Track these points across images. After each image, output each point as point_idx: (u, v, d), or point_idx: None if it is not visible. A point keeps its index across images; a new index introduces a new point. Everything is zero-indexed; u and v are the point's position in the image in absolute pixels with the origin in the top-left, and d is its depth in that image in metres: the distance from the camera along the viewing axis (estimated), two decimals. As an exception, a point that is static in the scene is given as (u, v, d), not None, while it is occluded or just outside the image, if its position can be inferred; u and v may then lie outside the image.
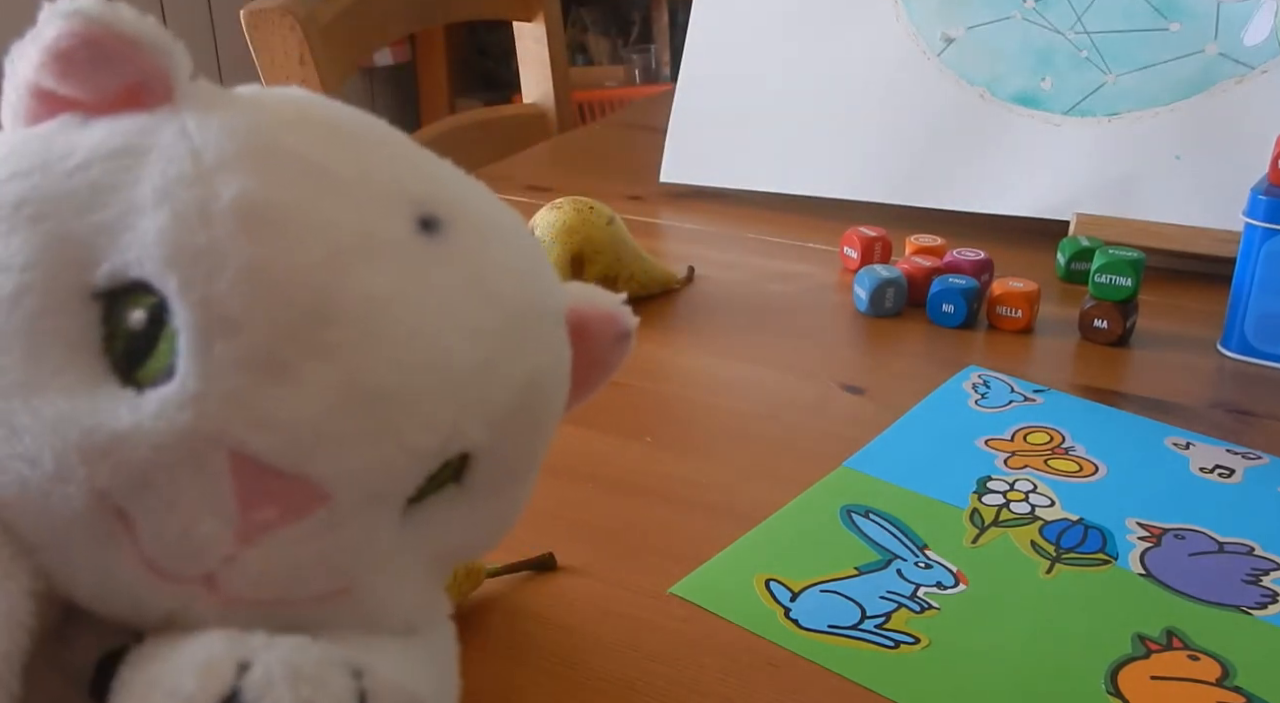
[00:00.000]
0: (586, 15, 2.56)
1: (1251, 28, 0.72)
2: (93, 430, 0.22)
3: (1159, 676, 0.37)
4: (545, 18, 1.14)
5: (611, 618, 0.39)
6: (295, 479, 0.23)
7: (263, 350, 0.23)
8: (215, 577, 0.24)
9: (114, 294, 0.23)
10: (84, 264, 0.23)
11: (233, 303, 0.23)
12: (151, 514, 0.23)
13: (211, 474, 0.23)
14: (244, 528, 0.23)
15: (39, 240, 0.23)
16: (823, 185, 0.81)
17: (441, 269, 0.25)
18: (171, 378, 0.23)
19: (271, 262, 0.23)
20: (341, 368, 0.23)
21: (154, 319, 0.23)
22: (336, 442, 0.23)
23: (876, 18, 0.82)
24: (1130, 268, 0.61)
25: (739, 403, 0.55)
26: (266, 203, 0.23)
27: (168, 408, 0.23)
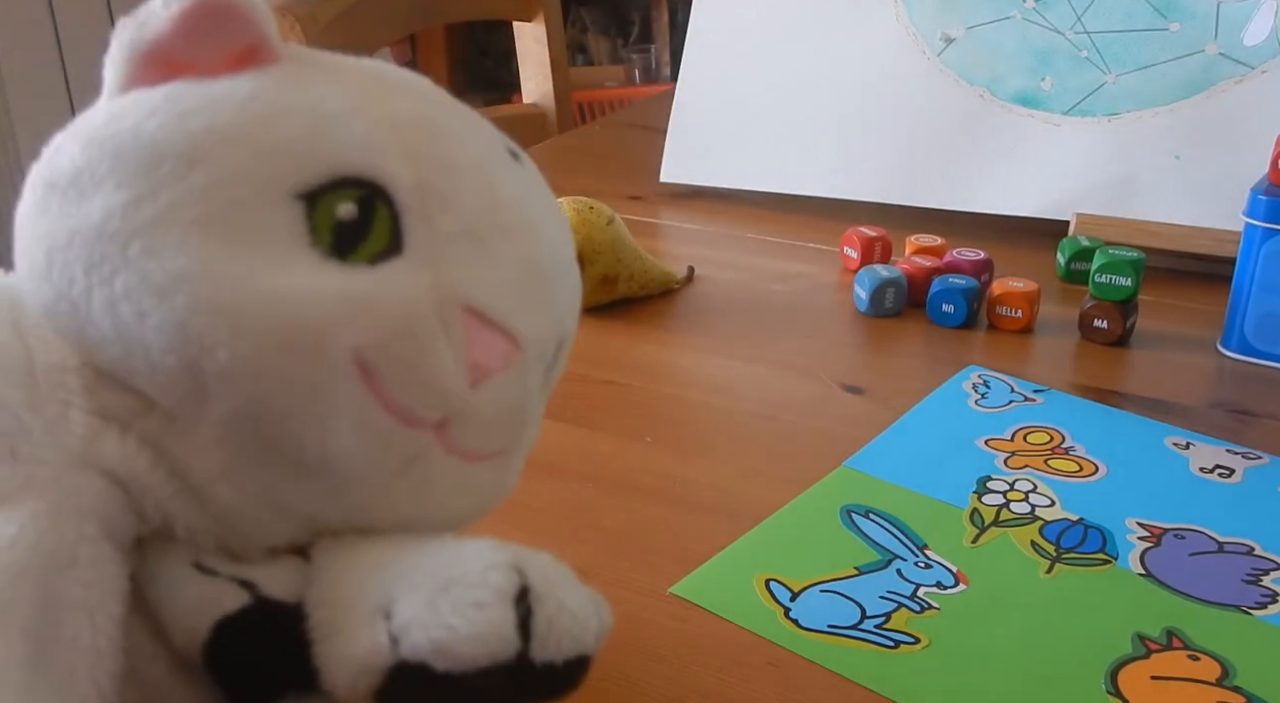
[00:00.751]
0: (586, 15, 2.56)
1: (1251, 28, 0.72)
2: (348, 294, 0.25)
3: (1159, 676, 0.37)
4: (545, 18, 1.14)
5: (611, 618, 0.39)
6: (505, 332, 0.28)
7: (469, 223, 0.28)
8: (447, 424, 0.27)
9: (312, 195, 0.26)
10: (282, 171, 0.26)
11: (442, 184, 0.27)
12: (401, 364, 0.26)
13: (451, 325, 0.27)
14: (474, 373, 0.27)
15: (237, 158, 0.26)
16: (823, 185, 0.81)
17: (535, 185, 0.31)
18: (400, 252, 0.26)
19: (454, 156, 0.28)
20: (517, 245, 0.29)
21: (363, 209, 0.26)
22: (525, 304, 0.28)
23: (876, 18, 0.82)
24: (1130, 268, 0.61)
25: (739, 403, 0.55)
26: (434, 119, 0.29)
27: (410, 273, 0.26)
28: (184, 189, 0.26)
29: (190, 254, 0.25)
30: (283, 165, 0.26)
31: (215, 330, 0.25)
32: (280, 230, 0.26)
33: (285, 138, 0.26)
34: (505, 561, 0.26)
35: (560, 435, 0.52)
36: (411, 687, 0.25)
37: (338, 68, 0.29)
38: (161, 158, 0.26)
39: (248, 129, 0.26)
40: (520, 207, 0.29)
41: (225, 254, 0.25)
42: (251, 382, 0.25)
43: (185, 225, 0.25)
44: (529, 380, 0.29)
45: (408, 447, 0.27)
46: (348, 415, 0.26)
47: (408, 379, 0.26)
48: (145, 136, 0.26)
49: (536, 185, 0.31)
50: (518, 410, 0.29)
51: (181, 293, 0.25)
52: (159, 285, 0.25)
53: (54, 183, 0.27)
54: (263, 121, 0.27)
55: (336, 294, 0.25)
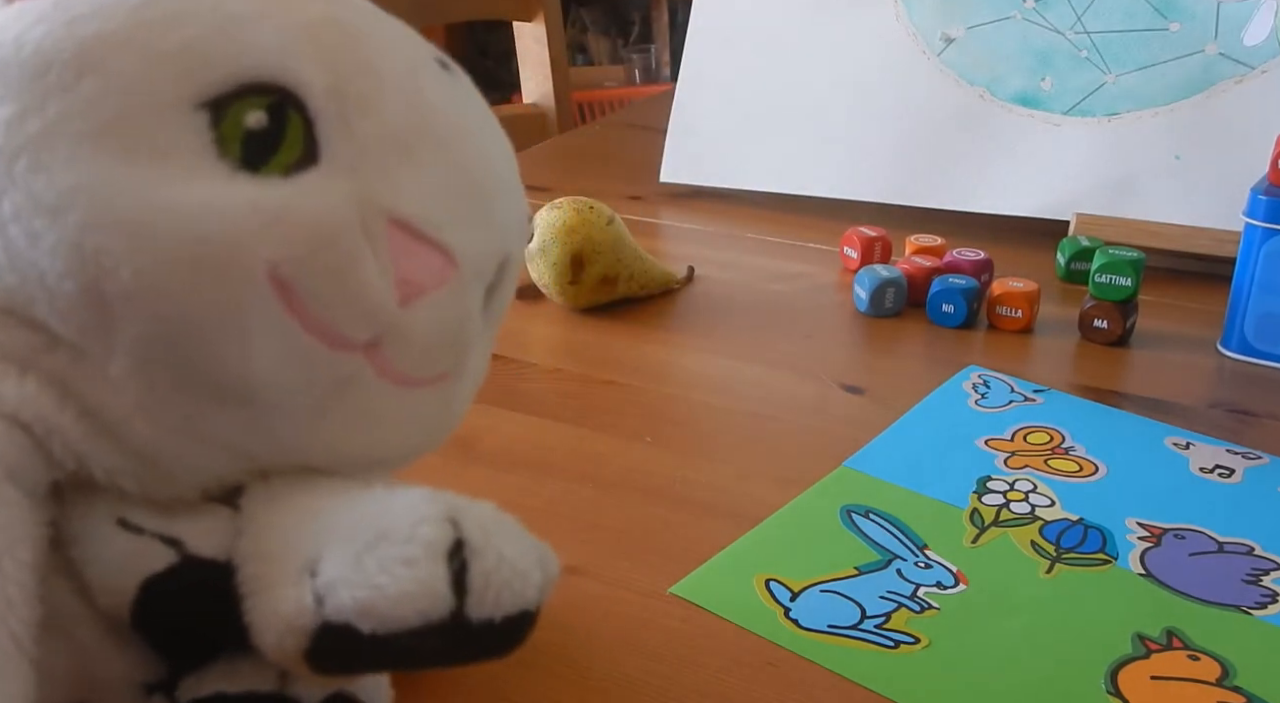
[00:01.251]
0: (586, 15, 2.56)
1: (1251, 28, 0.72)
2: (259, 205, 0.24)
3: (1159, 676, 0.37)
4: (545, 18, 1.14)
5: (611, 618, 0.39)
6: (437, 246, 0.26)
7: (392, 129, 0.26)
8: (379, 345, 0.26)
9: (217, 103, 0.24)
10: (180, 77, 0.24)
11: (362, 88, 0.26)
12: (323, 279, 0.24)
13: (376, 238, 0.25)
14: (403, 289, 0.25)
15: (131, 65, 0.24)
16: (823, 185, 0.81)
17: (467, 95, 0.29)
18: (315, 161, 0.25)
19: (374, 60, 0.26)
20: (448, 155, 0.27)
21: (274, 117, 0.25)
22: (459, 217, 0.27)
23: (876, 18, 0.82)
24: (1130, 268, 0.61)
25: (739, 403, 0.55)
26: (352, 22, 0.27)
27: (329, 182, 0.25)
28: (73, 100, 0.24)
29: (82, 168, 0.23)
30: (182, 71, 0.24)
31: (114, 248, 0.23)
32: (183, 142, 0.24)
33: (184, 42, 0.25)
34: (437, 512, 0.24)
35: (560, 435, 0.52)
36: (340, 648, 0.24)
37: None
38: (47, 67, 0.24)
39: (142, 33, 0.24)
40: (452, 116, 0.28)
41: (121, 168, 0.24)
42: (159, 302, 0.24)
43: (76, 138, 0.24)
44: (467, 299, 0.27)
45: (336, 369, 0.25)
46: (266, 336, 0.24)
47: (330, 295, 0.25)
48: (30, 46, 0.24)
49: (470, 97, 0.30)
50: (456, 330, 0.27)
51: (75, 210, 0.23)
52: (49, 204, 0.23)
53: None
54: (159, 25, 0.25)
55: (247, 205, 0.24)
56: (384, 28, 0.28)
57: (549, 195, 0.66)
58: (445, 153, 0.27)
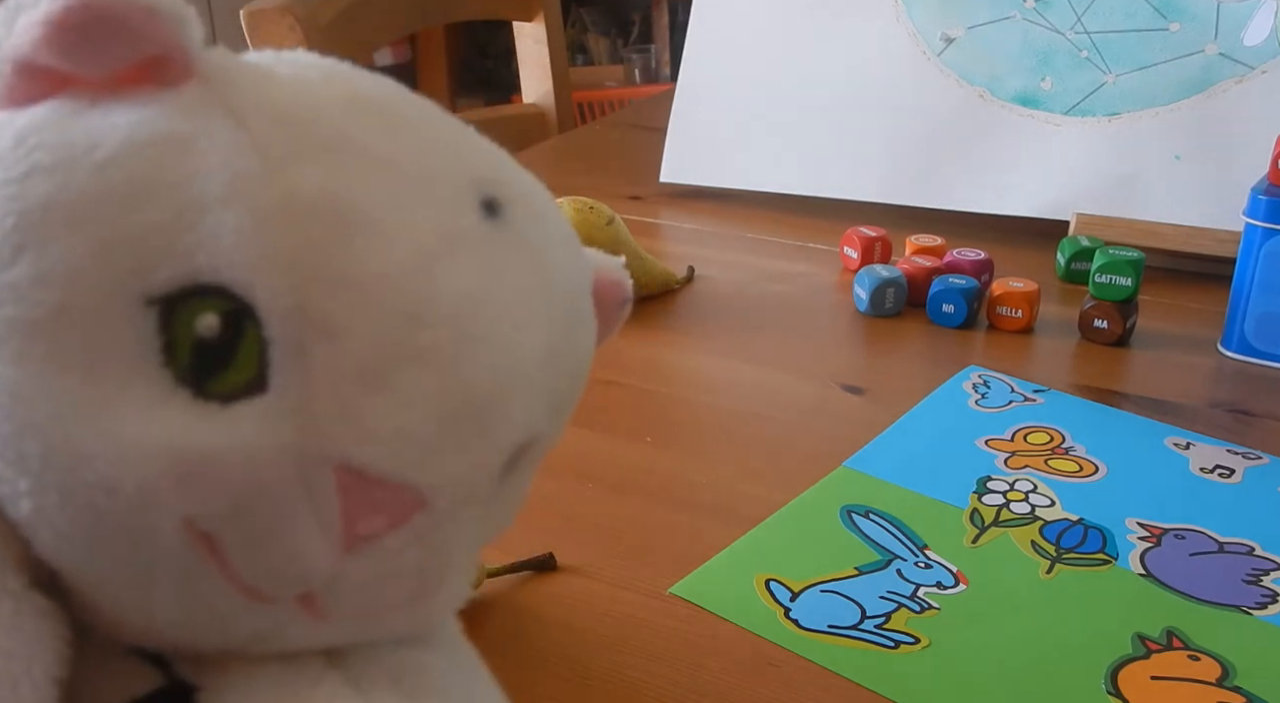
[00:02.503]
0: (586, 15, 2.56)
1: (1251, 28, 0.72)
2: (181, 451, 0.20)
3: (1159, 676, 0.37)
4: (545, 18, 1.14)
5: (611, 618, 0.39)
6: (400, 488, 0.22)
7: (363, 358, 0.21)
8: (314, 594, 0.22)
9: (170, 300, 0.21)
10: (134, 270, 0.21)
11: (330, 308, 0.21)
12: (249, 537, 0.21)
13: (317, 491, 0.21)
14: (349, 542, 0.22)
15: (80, 248, 0.21)
16: (823, 185, 0.81)
17: (511, 257, 0.24)
18: (264, 390, 0.21)
19: (364, 265, 0.21)
20: (438, 373, 0.22)
21: (229, 325, 0.21)
22: (438, 449, 0.22)
23: (876, 18, 0.82)
24: (1130, 268, 0.61)
25: (739, 403, 0.55)
26: (350, 203, 0.22)
27: (268, 421, 0.21)
28: (5, 281, 0.21)
29: (6, 371, 0.21)
30: (133, 262, 0.21)
31: (17, 477, 0.21)
32: (125, 345, 0.21)
33: (141, 226, 0.21)
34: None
35: (560, 435, 0.52)
36: None
37: (249, 102, 0.23)
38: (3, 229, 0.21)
39: (97, 210, 0.21)
40: (469, 309, 0.23)
41: (46, 376, 0.21)
42: (58, 540, 0.21)
43: (12, 340, 0.21)
44: (441, 531, 0.23)
45: (259, 622, 0.22)
46: (175, 592, 0.21)
47: (253, 555, 0.21)
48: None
49: (515, 254, 0.24)
50: (418, 566, 0.23)
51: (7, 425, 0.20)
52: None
53: None
54: (119, 200, 0.21)
55: (168, 449, 0.20)
56: (395, 186, 0.23)
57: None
58: (440, 369, 0.22)
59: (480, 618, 0.39)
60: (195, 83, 0.22)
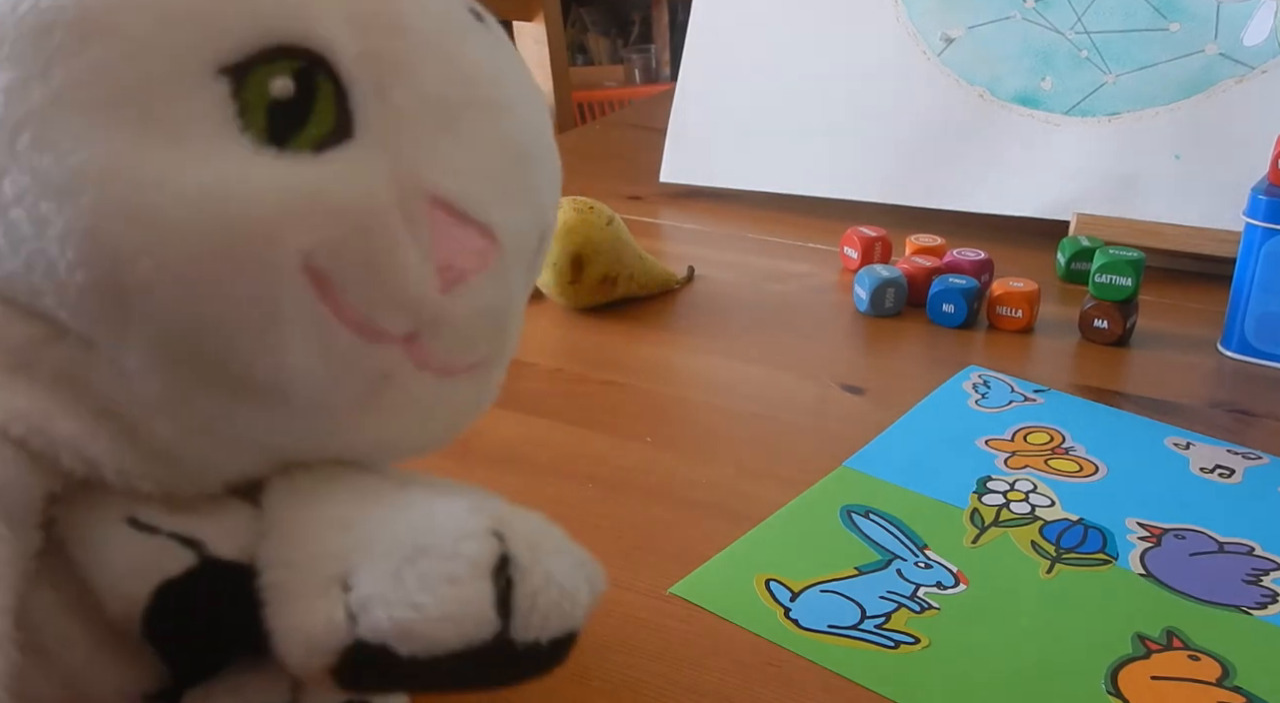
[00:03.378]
0: (586, 15, 2.56)
1: (1251, 28, 0.72)
2: (293, 189, 0.21)
3: (1159, 676, 0.37)
4: (545, 18, 1.14)
5: (611, 618, 0.39)
6: (480, 227, 0.24)
7: (435, 98, 0.23)
8: (418, 337, 0.24)
9: (239, 68, 0.22)
10: (204, 38, 0.22)
11: (400, 49, 0.23)
12: (359, 269, 0.22)
13: (416, 222, 0.23)
14: (444, 275, 0.23)
15: (146, 25, 0.21)
16: (823, 185, 0.81)
17: (504, 49, 0.27)
18: (350, 135, 0.23)
19: (409, 19, 0.24)
20: (494, 122, 0.25)
21: (303, 84, 0.22)
22: (502, 192, 0.25)
23: (876, 18, 0.82)
24: (1130, 268, 0.61)
25: (739, 403, 0.55)
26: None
27: (364, 158, 0.22)
28: (80, 65, 0.21)
29: (95, 144, 0.21)
30: (199, 33, 0.22)
31: (133, 236, 0.21)
32: (203, 113, 0.21)
33: (201, 1, 0.22)
34: (483, 527, 0.22)
35: (560, 435, 0.52)
36: (372, 668, 0.22)
37: None
38: (49, 28, 0.21)
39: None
40: (492, 76, 0.25)
41: (137, 143, 0.21)
42: (183, 296, 0.21)
43: (85, 109, 0.21)
44: (510, 281, 0.25)
45: (374, 365, 0.23)
46: (300, 331, 0.22)
47: (368, 286, 0.22)
48: (26, 2, 0.21)
49: (508, 52, 0.27)
50: (499, 315, 0.25)
51: (87, 192, 0.21)
52: (58, 184, 0.21)
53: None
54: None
55: (278, 188, 0.22)
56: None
57: (549, 195, 0.66)
58: (489, 121, 0.25)
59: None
60: None
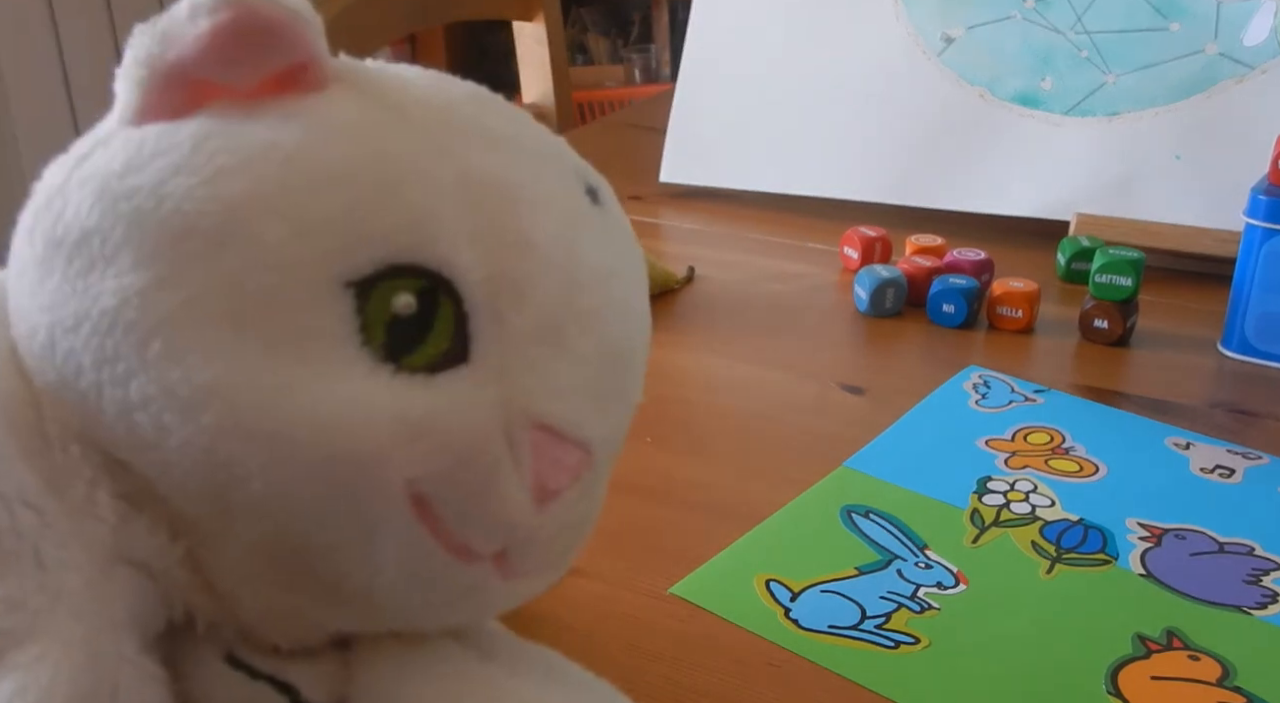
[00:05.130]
0: (586, 15, 2.56)
1: (1251, 28, 0.72)
2: (406, 416, 0.22)
3: (1159, 676, 0.37)
4: (545, 18, 1.14)
5: (611, 618, 0.39)
6: (576, 444, 0.24)
7: (544, 319, 0.23)
8: (507, 553, 0.24)
9: (365, 282, 0.22)
10: (334, 252, 0.22)
11: (517, 273, 0.23)
12: (461, 495, 0.23)
13: (518, 448, 0.23)
14: (540, 495, 0.23)
15: (284, 234, 0.21)
16: (823, 185, 0.81)
17: (617, 236, 0.27)
18: (465, 359, 0.23)
19: (534, 232, 0.23)
20: (596, 333, 0.24)
21: (424, 303, 0.22)
22: (603, 405, 0.25)
23: (876, 18, 0.82)
24: (1130, 268, 0.61)
25: (739, 403, 0.55)
26: (510, 180, 0.24)
27: (477, 385, 0.22)
28: (214, 274, 0.21)
29: (221, 361, 0.21)
30: (331, 246, 0.21)
31: (249, 458, 0.21)
32: (327, 327, 0.21)
33: (336, 211, 0.22)
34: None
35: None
36: None
37: (396, 97, 0.24)
38: (188, 232, 0.21)
39: (292, 198, 0.22)
40: (604, 279, 0.25)
41: (262, 360, 0.21)
42: (288, 514, 0.22)
43: (215, 321, 0.21)
44: (599, 488, 0.25)
45: (463, 581, 0.24)
46: (396, 552, 0.23)
47: (469, 513, 0.23)
48: (169, 202, 0.21)
49: (618, 234, 0.27)
50: (585, 524, 0.25)
51: (210, 411, 0.21)
52: (184, 399, 0.21)
53: (59, 240, 0.22)
54: (310, 189, 0.22)
55: (392, 416, 0.22)
56: (540, 167, 0.25)
57: (549, 195, 0.66)
58: (594, 332, 0.24)
59: (480, 618, 0.39)
60: (337, 85, 0.23)
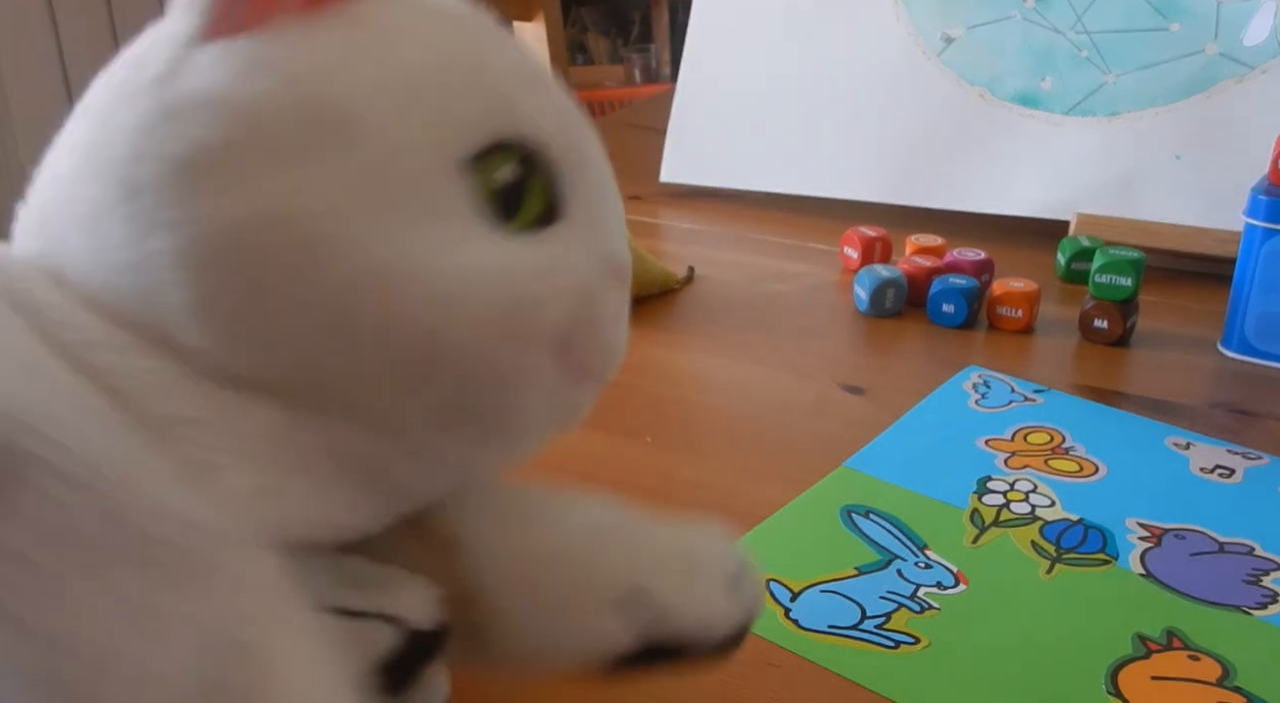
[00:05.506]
0: (586, 15, 2.56)
1: (1251, 28, 0.72)
2: (540, 269, 0.25)
3: (1159, 676, 0.37)
4: (545, 18, 1.14)
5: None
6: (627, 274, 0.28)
7: (600, 180, 0.28)
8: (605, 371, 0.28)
9: (475, 159, 0.25)
10: (456, 134, 0.24)
11: (578, 141, 0.27)
12: (585, 333, 0.26)
13: (620, 285, 0.28)
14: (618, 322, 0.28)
15: (410, 123, 0.24)
16: (823, 185, 0.81)
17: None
18: (560, 215, 0.26)
19: (568, 105, 0.28)
20: (613, 189, 0.29)
21: (522, 171, 0.25)
22: (625, 238, 0.29)
23: (876, 18, 0.82)
24: (1130, 268, 0.61)
25: (739, 403, 0.55)
26: (533, 65, 0.28)
27: (577, 237, 0.26)
28: (356, 160, 0.23)
29: (386, 242, 0.23)
30: (454, 130, 0.24)
31: (429, 320, 0.24)
32: (456, 202, 0.24)
33: (453, 97, 0.25)
34: (728, 541, 0.31)
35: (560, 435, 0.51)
36: (650, 662, 0.29)
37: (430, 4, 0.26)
38: (322, 130, 0.23)
39: (400, 97, 0.24)
40: (594, 136, 0.29)
41: (414, 235, 0.23)
42: (464, 365, 0.24)
43: (369, 207, 0.23)
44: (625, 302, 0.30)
45: (581, 400, 0.28)
46: (543, 389, 0.26)
47: (593, 346, 0.27)
48: (298, 106, 0.23)
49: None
50: (621, 338, 0.29)
51: (393, 287, 0.23)
52: (362, 281, 0.23)
53: (190, 161, 0.22)
54: (409, 89, 0.24)
55: (532, 268, 0.25)
56: (530, 53, 0.29)
57: (549, 195, 0.66)
58: (613, 188, 0.29)
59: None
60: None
